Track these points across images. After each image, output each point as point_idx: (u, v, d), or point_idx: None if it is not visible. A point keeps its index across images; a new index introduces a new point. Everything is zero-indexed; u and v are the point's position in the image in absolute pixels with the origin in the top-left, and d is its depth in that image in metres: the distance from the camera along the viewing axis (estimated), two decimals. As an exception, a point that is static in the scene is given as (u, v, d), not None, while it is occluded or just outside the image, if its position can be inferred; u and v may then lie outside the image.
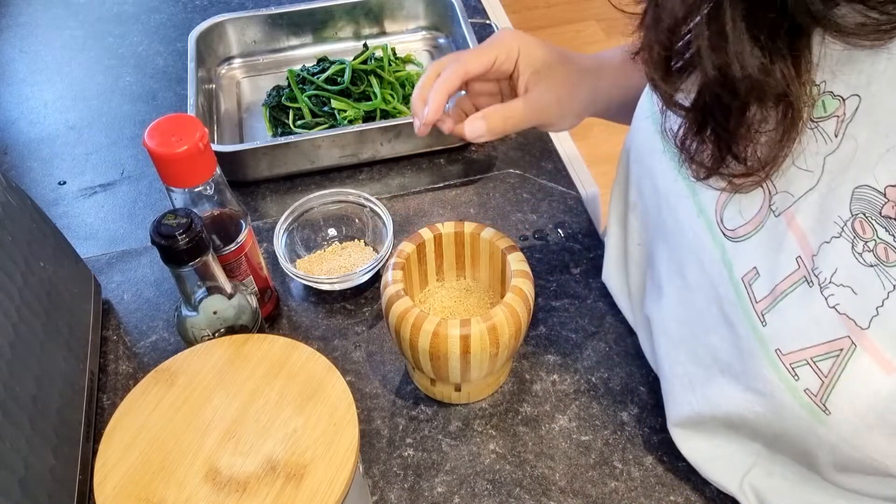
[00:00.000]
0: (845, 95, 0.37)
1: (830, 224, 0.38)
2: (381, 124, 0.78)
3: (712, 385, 0.47)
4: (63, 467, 0.52)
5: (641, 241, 0.58)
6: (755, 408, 0.43)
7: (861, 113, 0.36)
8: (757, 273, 0.42)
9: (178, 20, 1.03)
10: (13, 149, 0.86)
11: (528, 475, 0.57)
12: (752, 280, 0.42)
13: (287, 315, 0.68)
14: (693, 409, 0.50)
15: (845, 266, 0.37)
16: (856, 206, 0.36)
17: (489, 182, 0.79)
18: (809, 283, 0.38)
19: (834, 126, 0.38)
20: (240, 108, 0.88)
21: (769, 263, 0.41)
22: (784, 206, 0.40)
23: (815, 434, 0.40)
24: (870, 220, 0.36)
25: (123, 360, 0.65)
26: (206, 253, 0.48)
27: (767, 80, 0.37)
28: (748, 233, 0.43)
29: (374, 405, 0.61)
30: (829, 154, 0.38)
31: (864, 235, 0.36)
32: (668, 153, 0.48)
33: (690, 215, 0.47)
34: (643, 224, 0.56)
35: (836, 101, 0.37)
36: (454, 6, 0.91)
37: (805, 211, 0.39)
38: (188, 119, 0.53)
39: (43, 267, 0.57)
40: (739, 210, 0.43)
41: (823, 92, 0.38)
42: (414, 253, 0.59)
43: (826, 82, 0.38)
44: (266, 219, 0.76)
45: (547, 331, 0.66)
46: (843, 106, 0.37)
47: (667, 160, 0.49)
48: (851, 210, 0.37)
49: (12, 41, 1.01)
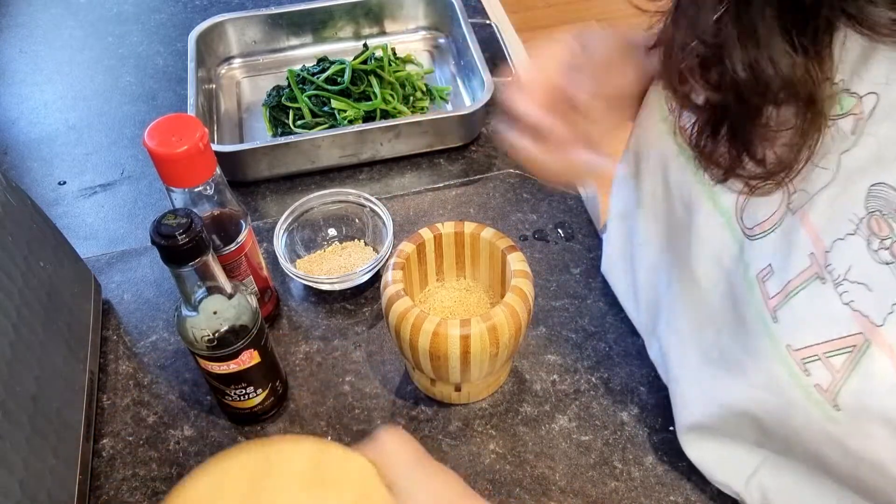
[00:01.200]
0: (862, 93, 0.37)
1: (845, 221, 0.38)
2: (381, 124, 0.78)
3: (722, 384, 0.47)
4: (63, 467, 0.52)
5: (649, 241, 0.57)
6: (765, 406, 0.43)
7: (879, 111, 0.36)
8: (771, 270, 0.42)
9: (178, 20, 1.03)
10: (13, 149, 0.86)
11: (528, 475, 0.57)
12: (765, 277, 0.42)
13: (287, 315, 0.68)
14: (703, 411, 0.50)
15: (860, 263, 0.37)
16: (872, 204, 0.36)
17: (489, 182, 0.79)
18: (822, 280, 0.38)
19: (851, 124, 0.38)
20: (240, 108, 0.88)
21: (782, 260, 0.41)
22: (800, 203, 0.40)
23: (824, 431, 0.39)
24: (886, 218, 0.36)
25: (123, 360, 0.65)
26: (206, 253, 0.48)
27: (798, 79, 0.37)
28: (765, 230, 0.43)
29: (374, 405, 0.61)
30: (844, 152, 0.38)
31: (879, 233, 0.36)
32: (684, 155, 0.48)
33: (709, 214, 0.47)
34: (653, 223, 0.56)
35: (853, 98, 0.37)
36: (454, 6, 0.91)
37: (819, 208, 0.39)
38: (188, 119, 0.53)
39: (43, 267, 0.57)
40: (758, 208, 0.43)
41: (841, 90, 0.38)
42: (414, 253, 0.59)
43: (844, 80, 0.38)
44: (266, 219, 0.76)
45: (547, 331, 0.66)
46: (861, 104, 0.37)
47: (683, 161, 0.49)
48: (867, 207, 0.37)
49: (12, 41, 1.01)
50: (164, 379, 0.64)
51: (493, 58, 0.91)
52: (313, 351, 0.65)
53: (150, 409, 0.62)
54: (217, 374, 0.55)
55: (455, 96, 0.89)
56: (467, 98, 0.88)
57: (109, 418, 0.61)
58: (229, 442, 0.60)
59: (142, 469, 0.58)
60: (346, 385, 0.63)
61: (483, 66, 0.82)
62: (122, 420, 0.61)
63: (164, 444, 0.60)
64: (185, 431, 0.60)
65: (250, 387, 0.57)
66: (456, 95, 0.89)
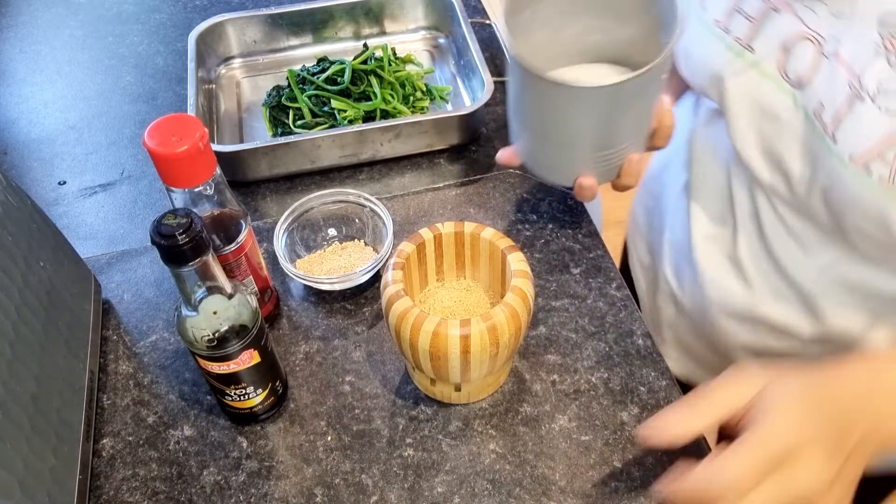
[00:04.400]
0: None
1: (867, 50, 0.48)
2: (381, 124, 0.78)
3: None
4: (63, 467, 0.52)
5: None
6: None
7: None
8: (822, 106, 0.51)
9: (178, 20, 1.03)
10: (13, 149, 0.86)
11: (528, 475, 0.57)
12: (819, 112, 0.52)
13: (287, 315, 0.68)
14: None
15: (886, 78, 0.47)
16: (884, 31, 0.47)
17: (489, 182, 0.79)
18: (861, 100, 0.48)
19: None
20: (240, 108, 0.88)
21: (829, 95, 0.51)
22: (832, 49, 0.51)
23: (886, 214, 0.49)
24: (894, 39, 0.47)
25: (123, 360, 0.65)
26: (206, 253, 0.48)
27: None
28: (810, 78, 0.53)
29: (374, 405, 0.61)
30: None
31: (894, 50, 0.47)
32: (717, 39, 0.58)
33: (758, 81, 0.57)
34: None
35: None
36: (454, 6, 0.91)
37: (846, 46, 0.50)
38: (188, 119, 0.53)
39: (43, 267, 0.57)
40: (798, 63, 0.53)
41: None
42: (414, 253, 0.59)
43: None
44: (266, 219, 0.76)
45: (547, 331, 0.66)
46: None
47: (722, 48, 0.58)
48: (881, 34, 0.47)
49: (12, 41, 1.01)
50: (164, 379, 0.64)
51: (493, 58, 0.91)
52: (313, 351, 0.65)
53: (150, 409, 0.62)
54: (217, 374, 0.55)
55: (455, 96, 0.89)
56: (467, 98, 0.88)
57: (109, 418, 0.61)
58: (229, 442, 0.60)
59: (142, 469, 0.58)
60: (346, 385, 0.63)
61: (483, 66, 0.82)
62: (122, 420, 0.61)
63: (164, 444, 0.60)
64: (185, 431, 0.60)
65: (250, 387, 0.57)
66: (456, 95, 0.89)
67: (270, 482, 0.57)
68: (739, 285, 0.66)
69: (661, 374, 0.62)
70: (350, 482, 0.57)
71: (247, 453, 0.59)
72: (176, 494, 0.57)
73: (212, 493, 0.57)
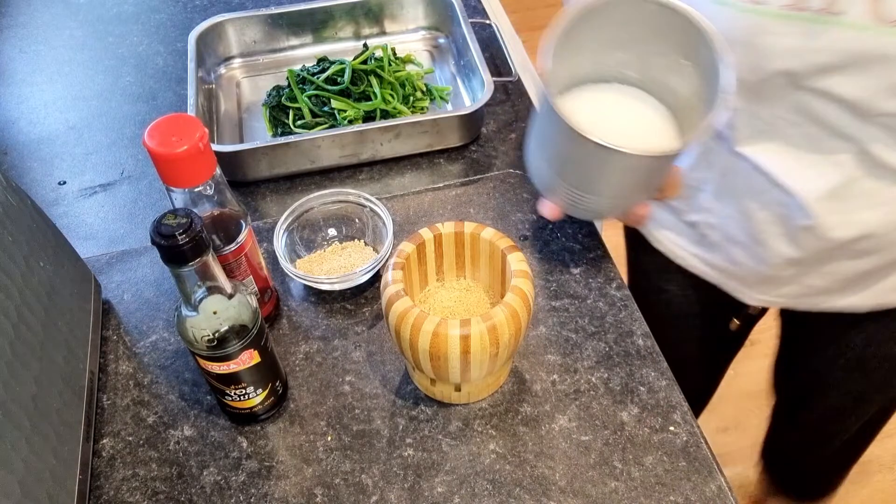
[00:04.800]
0: None
1: None
2: (381, 124, 0.78)
3: None
4: (63, 467, 0.52)
5: None
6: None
7: None
8: None
9: (178, 20, 1.03)
10: (13, 149, 0.86)
11: (528, 475, 0.57)
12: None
13: (287, 315, 0.68)
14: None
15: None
16: None
17: (489, 182, 0.79)
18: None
19: None
20: (240, 108, 0.88)
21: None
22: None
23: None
24: None
25: (123, 360, 0.65)
26: (206, 253, 0.48)
27: None
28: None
29: (374, 405, 0.61)
30: None
31: None
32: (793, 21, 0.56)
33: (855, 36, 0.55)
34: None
35: None
36: (454, 6, 0.91)
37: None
38: (188, 119, 0.53)
39: (43, 267, 0.57)
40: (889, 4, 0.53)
41: None
42: (414, 253, 0.59)
43: None
44: (266, 219, 0.76)
45: (547, 331, 0.66)
46: None
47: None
48: None
49: (12, 41, 1.01)
50: (164, 379, 0.64)
51: (493, 58, 0.91)
52: (313, 351, 0.65)
53: (150, 409, 0.62)
54: (217, 374, 0.55)
55: (455, 96, 0.89)
56: (467, 98, 0.88)
57: (109, 418, 0.61)
58: (229, 442, 0.60)
59: (142, 469, 0.58)
60: (346, 385, 0.63)
61: (483, 66, 0.82)
62: (122, 420, 0.61)
63: (164, 444, 0.60)
64: (185, 431, 0.60)
65: (250, 387, 0.57)
66: (456, 95, 0.89)
67: (270, 482, 0.57)
68: None
69: (661, 374, 0.62)
70: (350, 482, 0.57)
71: (247, 453, 0.59)
72: (176, 494, 0.57)
73: (212, 493, 0.57)
